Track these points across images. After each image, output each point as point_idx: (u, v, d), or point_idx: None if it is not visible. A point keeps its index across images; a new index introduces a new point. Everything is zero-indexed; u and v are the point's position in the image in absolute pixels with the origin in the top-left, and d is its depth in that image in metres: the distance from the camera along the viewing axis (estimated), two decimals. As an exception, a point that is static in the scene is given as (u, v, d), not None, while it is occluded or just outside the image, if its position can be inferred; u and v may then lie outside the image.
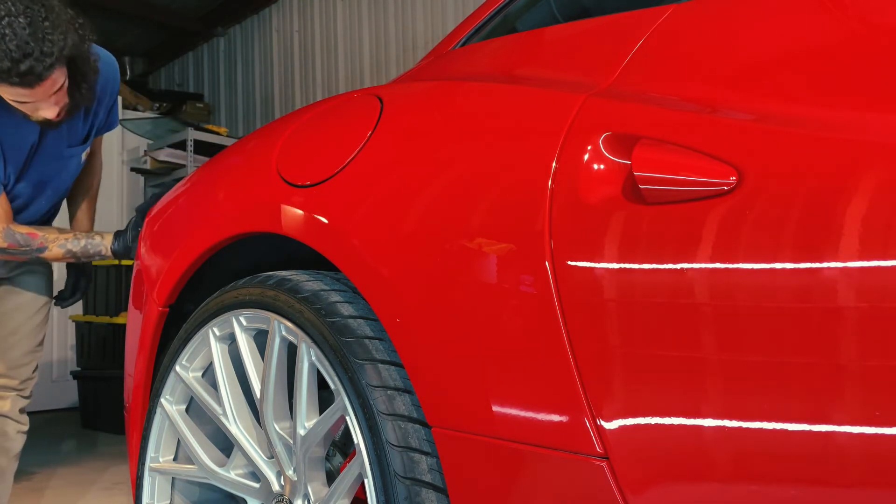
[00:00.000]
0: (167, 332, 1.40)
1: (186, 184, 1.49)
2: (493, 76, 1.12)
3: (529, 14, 1.37)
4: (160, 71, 6.87)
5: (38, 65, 1.49)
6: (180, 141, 4.96)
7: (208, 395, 1.22)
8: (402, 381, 0.96)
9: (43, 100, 1.59)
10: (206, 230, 1.27)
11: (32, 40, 1.47)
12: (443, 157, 0.99)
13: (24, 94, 1.55)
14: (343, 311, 1.01)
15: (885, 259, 0.61)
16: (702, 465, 0.70)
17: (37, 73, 1.50)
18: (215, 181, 1.38)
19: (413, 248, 0.95)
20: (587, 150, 0.82)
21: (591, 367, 0.77)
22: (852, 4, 0.79)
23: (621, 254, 0.76)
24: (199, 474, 1.24)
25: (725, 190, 0.70)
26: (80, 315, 4.36)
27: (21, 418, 2.01)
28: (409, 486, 0.90)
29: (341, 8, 5.02)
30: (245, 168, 1.31)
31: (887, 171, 0.63)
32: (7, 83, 1.52)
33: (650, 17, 0.92)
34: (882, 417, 0.60)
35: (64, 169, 1.93)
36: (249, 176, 1.27)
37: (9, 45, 1.46)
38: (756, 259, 0.67)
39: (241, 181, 1.29)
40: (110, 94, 1.94)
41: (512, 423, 0.83)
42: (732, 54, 0.82)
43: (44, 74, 1.51)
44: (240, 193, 1.26)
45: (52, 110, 1.62)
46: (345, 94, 1.29)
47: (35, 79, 1.51)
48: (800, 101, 0.72)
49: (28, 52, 1.47)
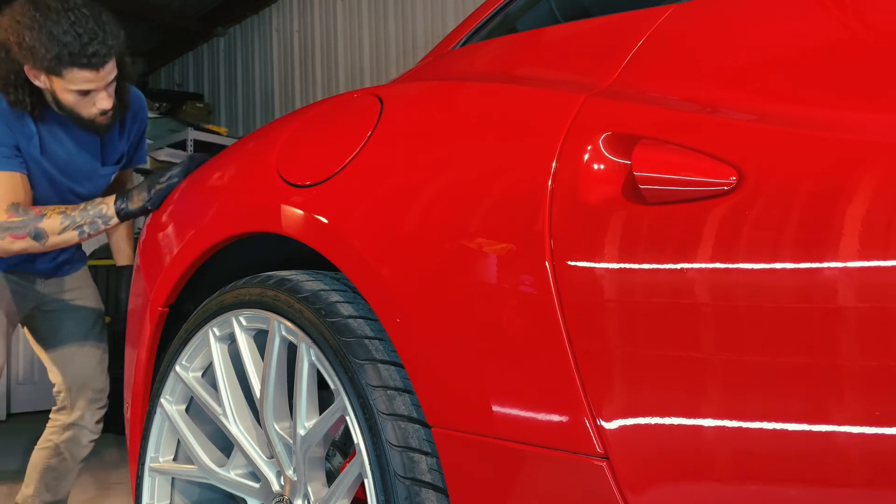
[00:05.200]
0: (167, 332, 1.40)
1: (186, 184, 1.49)
2: (494, 76, 1.12)
3: (529, 14, 1.37)
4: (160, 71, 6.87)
5: (102, 47, 1.66)
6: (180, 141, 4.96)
7: (208, 395, 1.22)
8: (402, 381, 0.96)
9: (102, 87, 1.72)
10: (205, 230, 1.27)
11: (97, 26, 1.66)
12: (443, 157, 0.99)
13: (90, 77, 1.68)
14: (343, 311, 1.01)
15: (885, 259, 0.61)
16: (702, 465, 0.70)
17: (101, 54, 1.66)
18: (215, 181, 1.38)
19: (413, 247, 0.95)
20: (587, 150, 0.82)
21: (591, 367, 0.77)
22: (852, 4, 0.79)
23: (621, 254, 0.76)
24: (198, 474, 1.24)
25: (725, 190, 0.70)
26: (80, 315, 4.36)
27: (95, 428, 2.13)
28: (408, 486, 0.90)
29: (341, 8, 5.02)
30: (245, 168, 1.31)
31: (887, 171, 0.63)
32: (77, 65, 1.65)
33: (650, 17, 0.92)
34: (882, 417, 0.60)
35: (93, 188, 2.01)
36: (249, 176, 1.27)
37: (78, 30, 1.63)
38: (756, 259, 0.67)
39: (241, 181, 1.29)
40: (140, 123, 2.07)
41: (512, 423, 0.83)
42: (732, 54, 0.82)
43: (107, 57, 1.68)
44: (240, 193, 1.26)
45: (108, 101, 1.75)
46: (345, 94, 1.29)
47: (100, 61, 1.66)
48: (800, 101, 0.72)
49: (94, 37, 1.65)
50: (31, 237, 1.70)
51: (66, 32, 1.62)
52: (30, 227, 1.69)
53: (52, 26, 1.61)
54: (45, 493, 2.15)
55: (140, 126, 2.08)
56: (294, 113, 1.34)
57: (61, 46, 1.62)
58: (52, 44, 1.62)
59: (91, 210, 1.70)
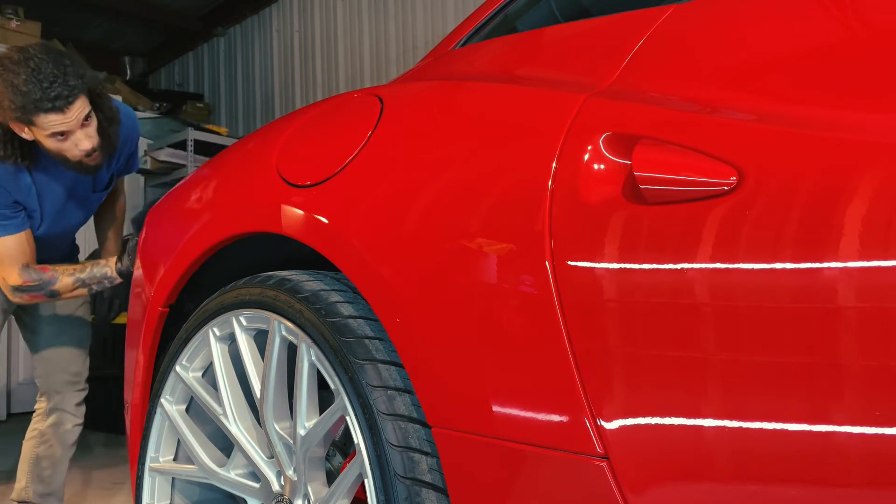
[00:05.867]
0: (167, 332, 1.40)
1: (186, 184, 1.49)
2: (494, 76, 1.12)
3: (529, 14, 1.37)
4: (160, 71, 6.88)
5: (64, 89, 1.73)
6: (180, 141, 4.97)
7: (208, 395, 1.22)
8: (402, 382, 0.96)
9: (76, 128, 1.79)
10: (206, 230, 1.27)
11: (57, 70, 1.74)
12: (443, 157, 0.99)
13: (59, 120, 1.76)
14: (343, 311, 1.01)
15: (885, 259, 0.61)
16: (702, 465, 0.70)
17: (64, 95, 1.73)
18: (215, 181, 1.38)
19: (413, 248, 0.95)
20: (587, 150, 0.82)
21: (591, 367, 0.77)
22: (852, 4, 0.79)
23: (621, 254, 0.76)
24: (199, 474, 1.24)
25: (726, 190, 0.70)
26: (81, 315, 4.35)
27: (77, 411, 2.22)
28: (409, 486, 0.90)
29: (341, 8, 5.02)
30: (245, 168, 1.31)
31: (887, 171, 0.63)
32: (43, 110, 1.74)
33: (650, 17, 0.92)
34: (882, 417, 0.60)
35: (85, 213, 2.18)
36: (249, 176, 1.27)
37: (37, 76, 1.72)
38: (756, 259, 0.67)
39: (241, 181, 1.29)
40: (130, 143, 2.15)
41: (512, 423, 0.83)
42: (733, 54, 0.82)
43: (71, 97, 1.75)
44: (240, 193, 1.26)
45: (88, 141, 1.82)
46: (345, 94, 1.29)
47: (64, 102, 1.74)
48: (800, 101, 0.72)
49: (54, 80, 1.73)
50: (46, 296, 1.97)
51: (26, 81, 1.71)
52: (45, 289, 1.95)
53: (13, 78, 1.71)
54: (37, 484, 2.19)
55: (132, 142, 2.16)
56: (294, 113, 1.34)
57: (24, 96, 1.71)
58: (16, 95, 1.72)
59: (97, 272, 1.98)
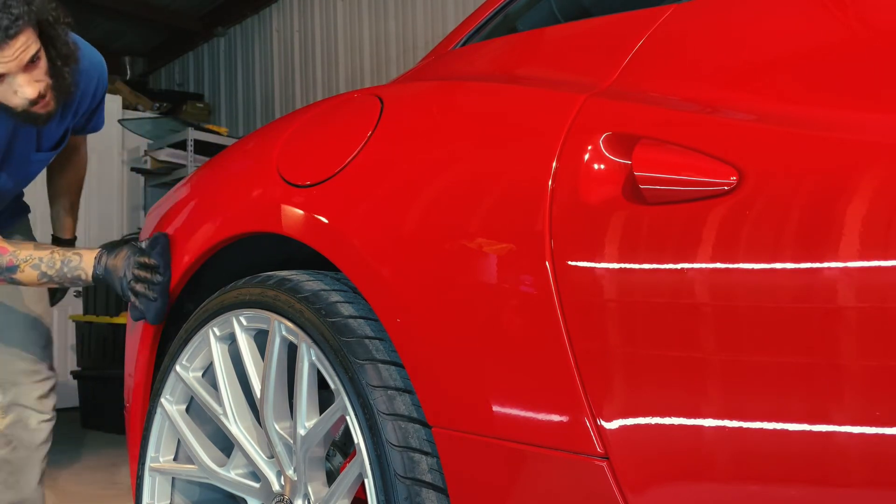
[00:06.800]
0: (167, 332, 1.40)
1: (186, 184, 1.49)
2: (494, 76, 1.12)
3: (529, 14, 1.37)
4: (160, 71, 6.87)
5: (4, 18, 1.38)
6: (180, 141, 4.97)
7: (208, 395, 1.22)
8: (402, 381, 0.96)
9: (18, 70, 1.45)
10: (206, 230, 1.27)
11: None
12: (443, 157, 0.99)
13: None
14: (343, 311, 1.01)
15: (885, 259, 0.61)
16: (702, 465, 0.70)
17: (3, 26, 1.38)
18: (215, 181, 1.38)
19: (413, 247, 0.95)
20: (587, 150, 0.82)
21: (591, 367, 0.77)
22: (852, 4, 0.79)
23: (622, 254, 0.76)
24: (199, 474, 1.24)
25: (726, 190, 0.70)
26: (81, 315, 4.36)
27: (41, 406, 1.89)
28: (409, 486, 0.90)
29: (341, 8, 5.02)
30: (245, 168, 1.31)
31: (887, 171, 0.63)
32: None
33: (650, 17, 0.92)
34: (882, 417, 0.60)
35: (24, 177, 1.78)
36: (250, 176, 1.27)
37: None
38: (756, 259, 0.67)
39: (241, 181, 1.29)
40: (94, 95, 1.77)
41: (512, 423, 0.83)
42: (733, 54, 0.82)
43: (11, 29, 1.40)
44: (240, 193, 1.26)
45: (32, 87, 1.47)
46: (345, 94, 1.29)
47: (3, 34, 1.39)
48: (800, 101, 0.72)
49: None
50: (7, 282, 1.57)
51: None
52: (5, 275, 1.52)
53: None
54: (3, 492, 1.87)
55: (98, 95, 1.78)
56: (294, 113, 1.34)
57: None
58: None
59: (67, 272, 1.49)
